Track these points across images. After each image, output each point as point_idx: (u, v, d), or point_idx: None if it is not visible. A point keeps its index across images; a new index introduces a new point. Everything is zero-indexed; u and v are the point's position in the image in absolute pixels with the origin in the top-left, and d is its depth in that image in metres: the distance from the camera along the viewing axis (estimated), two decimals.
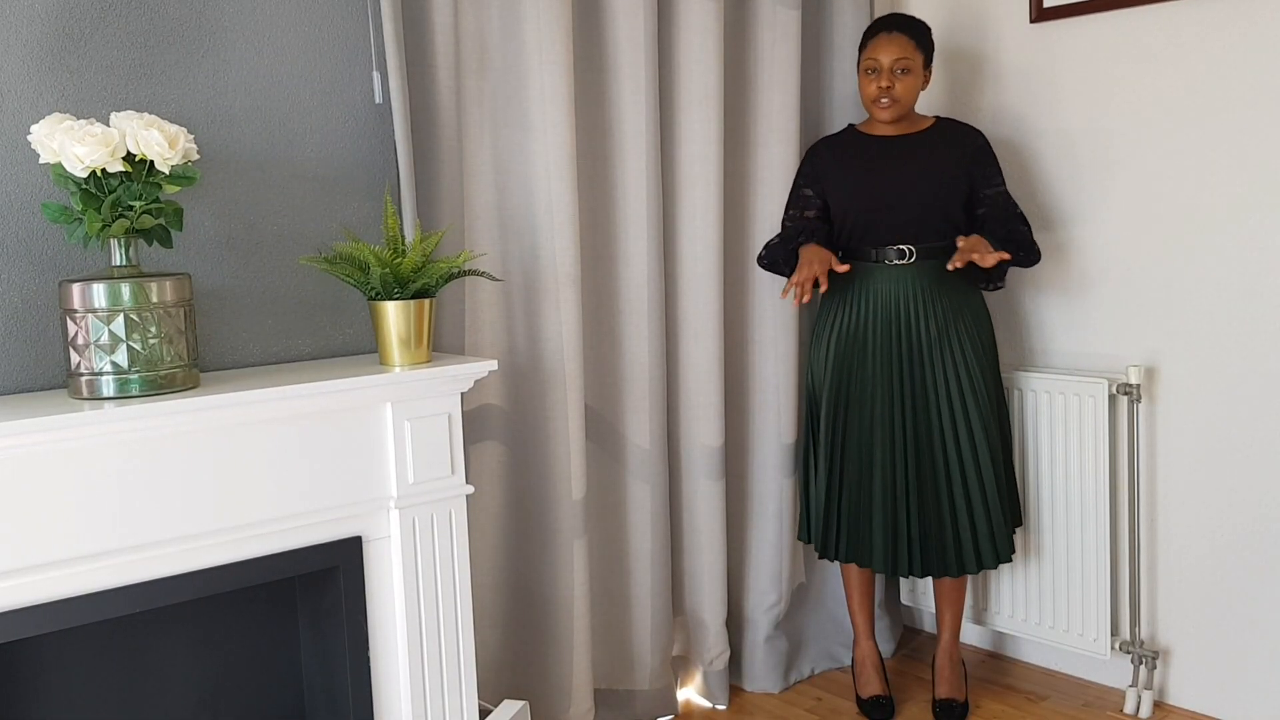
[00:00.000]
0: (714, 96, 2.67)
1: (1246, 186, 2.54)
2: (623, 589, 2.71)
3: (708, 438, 2.77)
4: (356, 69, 2.26)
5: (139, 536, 1.79)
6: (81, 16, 1.93)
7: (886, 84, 2.60)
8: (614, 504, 2.69)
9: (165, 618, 2.03)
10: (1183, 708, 2.75)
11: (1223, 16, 2.54)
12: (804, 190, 2.75)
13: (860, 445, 2.67)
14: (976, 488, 2.62)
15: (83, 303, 1.76)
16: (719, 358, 2.76)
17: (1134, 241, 2.73)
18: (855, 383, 2.67)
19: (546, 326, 2.48)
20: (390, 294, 2.04)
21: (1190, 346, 2.66)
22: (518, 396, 2.52)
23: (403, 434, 2.05)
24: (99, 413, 1.70)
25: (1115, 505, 2.78)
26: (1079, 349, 2.87)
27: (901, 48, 2.60)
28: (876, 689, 2.82)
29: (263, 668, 2.16)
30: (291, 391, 1.89)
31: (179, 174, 1.83)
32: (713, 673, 2.85)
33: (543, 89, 2.41)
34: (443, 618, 2.13)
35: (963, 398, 2.62)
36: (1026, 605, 2.91)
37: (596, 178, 2.61)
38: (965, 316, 2.66)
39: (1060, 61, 2.83)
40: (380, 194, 2.30)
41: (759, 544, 2.93)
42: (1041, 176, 2.89)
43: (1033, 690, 2.91)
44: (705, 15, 2.64)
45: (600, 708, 2.71)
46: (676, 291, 2.75)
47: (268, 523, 1.92)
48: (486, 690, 2.54)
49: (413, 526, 2.08)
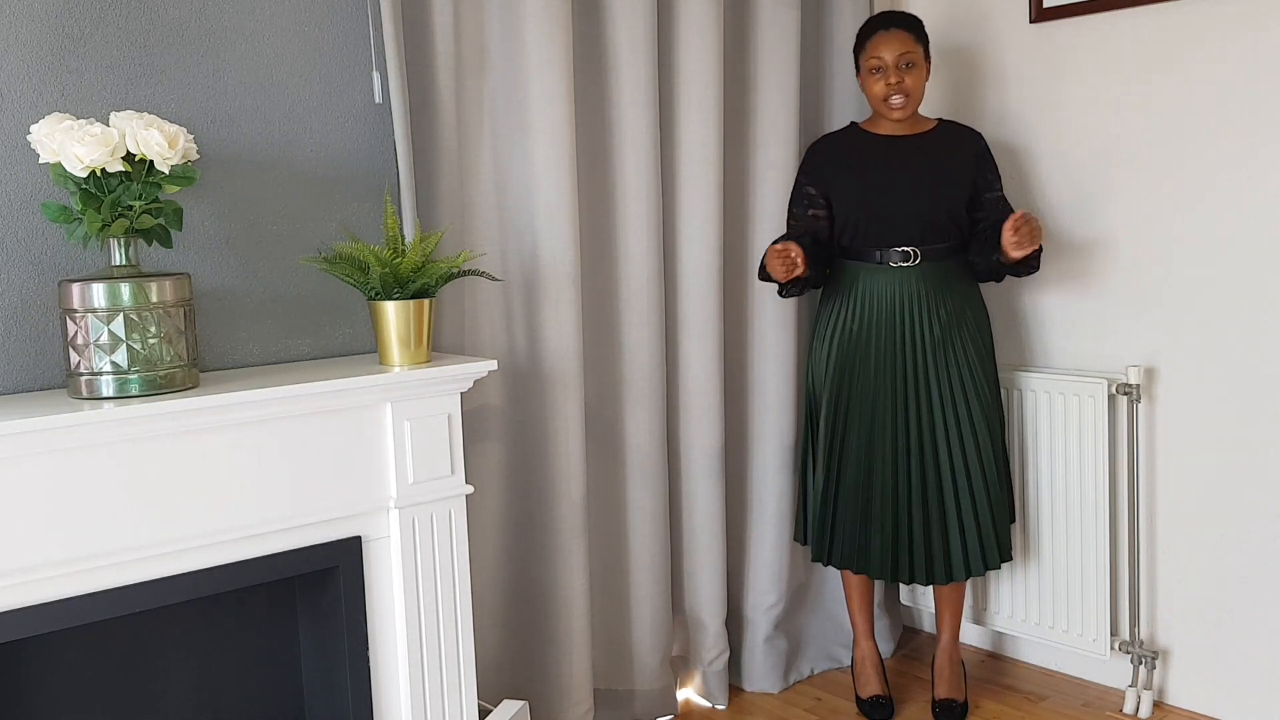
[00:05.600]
0: (714, 96, 2.67)
1: (1247, 186, 2.54)
2: (622, 589, 2.71)
3: (707, 438, 2.76)
4: (356, 69, 2.26)
5: (139, 536, 1.79)
6: (81, 16, 1.93)
7: (895, 79, 2.59)
8: (614, 504, 2.69)
9: (165, 618, 2.03)
10: (1182, 708, 2.75)
11: (1223, 16, 2.54)
12: (807, 188, 2.74)
13: (860, 448, 2.66)
14: (981, 490, 2.62)
15: (82, 302, 1.76)
16: (719, 358, 2.76)
17: (1134, 242, 2.73)
18: (856, 384, 2.67)
19: (546, 326, 2.48)
20: (390, 294, 2.04)
21: (1190, 346, 2.66)
22: (518, 396, 2.52)
23: (402, 434, 2.05)
24: (98, 413, 1.70)
25: (1115, 505, 2.78)
26: (1078, 349, 2.87)
27: (903, 42, 2.59)
28: (876, 689, 2.82)
29: (263, 668, 2.15)
30: (291, 391, 1.89)
31: (179, 174, 1.83)
32: (712, 673, 2.85)
33: (543, 89, 2.41)
34: (443, 618, 2.13)
35: (965, 400, 2.62)
36: (1026, 605, 2.92)
37: (596, 178, 2.61)
38: (968, 319, 2.66)
39: (1060, 62, 2.83)
40: (380, 194, 2.30)
41: (758, 544, 2.93)
42: (1041, 177, 2.90)
43: (1032, 690, 2.91)
44: (705, 15, 2.64)
45: (600, 708, 2.71)
46: (676, 291, 2.75)
47: (267, 522, 1.92)
48: (486, 690, 2.54)
49: (412, 526, 2.08)
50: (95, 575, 1.77)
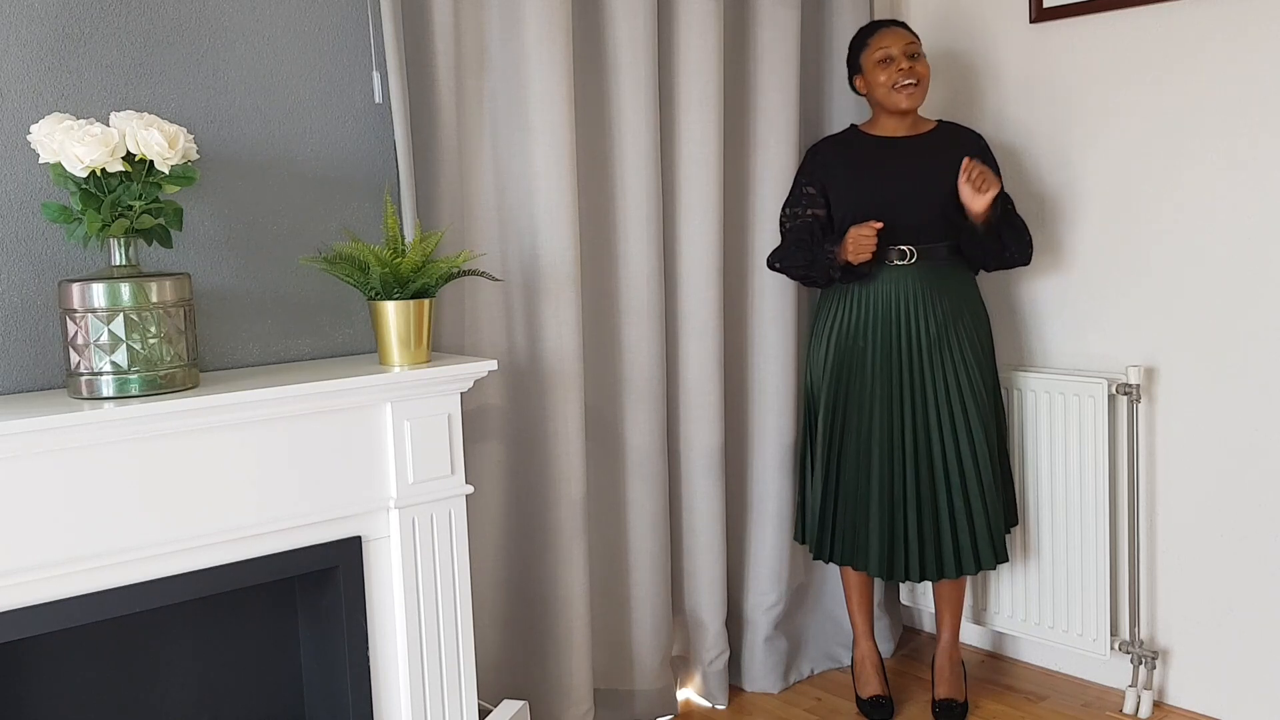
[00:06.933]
0: (714, 96, 2.67)
1: (1247, 187, 2.54)
2: (622, 589, 2.71)
3: (707, 437, 2.77)
4: (356, 69, 2.26)
5: (139, 536, 1.79)
6: (81, 16, 1.93)
7: (907, 66, 2.62)
8: (614, 504, 2.69)
9: (165, 618, 2.03)
10: (1182, 708, 2.75)
11: (1224, 16, 2.54)
12: (806, 188, 2.74)
13: (858, 446, 2.66)
14: (976, 489, 2.62)
15: (82, 302, 1.76)
16: (719, 358, 2.76)
17: (1134, 242, 2.73)
18: (854, 383, 2.67)
19: (546, 326, 2.48)
20: (390, 294, 2.04)
21: (1190, 346, 2.66)
22: (518, 396, 2.52)
23: (402, 434, 2.05)
24: (98, 413, 1.70)
25: (1115, 505, 2.78)
26: (1078, 349, 2.87)
27: (905, 35, 2.65)
28: (876, 689, 2.82)
29: (263, 668, 2.16)
30: (291, 391, 1.89)
31: (179, 174, 1.83)
32: (712, 673, 2.85)
33: (543, 89, 2.41)
34: (443, 618, 2.13)
35: (962, 399, 2.62)
36: (1026, 605, 2.92)
37: (596, 178, 2.61)
38: (965, 317, 2.66)
39: (1060, 62, 2.83)
40: (380, 194, 2.30)
41: (758, 544, 2.93)
42: (1041, 177, 2.90)
43: (1032, 690, 2.91)
44: (705, 15, 2.64)
45: (600, 708, 2.71)
46: (676, 291, 2.75)
47: (267, 522, 1.92)
48: (486, 690, 2.54)
49: (412, 526, 2.08)
50: (94, 575, 1.77)
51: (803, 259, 2.68)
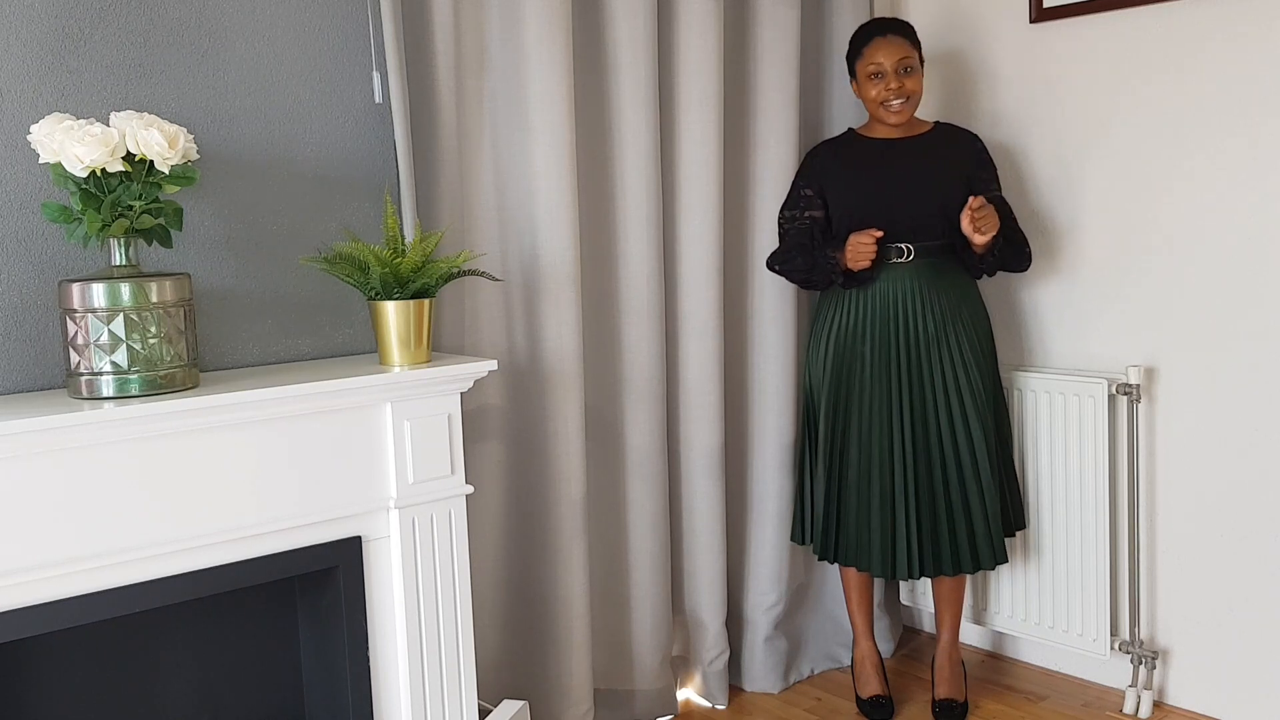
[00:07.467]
0: (714, 96, 2.67)
1: (1247, 187, 2.54)
2: (622, 589, 2.71)
3: (707, 438, 2.77)
4: (356, 69, 2.26)
5: (139, 536, 1.79)
6: (81, 16, 1.93)
7: (896, 85, 2.60)
8: (614, 504, 2.69)
9: (165, 618, 2.03)
10: (1182, 708, 2.75)
11: (1224, 16, 2.54)
12: (804, 190, 2.75)
13: (860, 445, 2.66)
14: (974, 487, 2.62)
15: (82, 302, 1.76)
16: (719, 358, 2.76)
17: (1134, 242, 2.73)
18: (854, 382, 2.67)
19: (546, 326, 2.48)
20: (390, 294, 2.04)
21: (1190, 346, 2.66)
22: (518, 396, 2.52)
23: (402, 434, 2.05)
24: (98, 413, 1.70)
25: (1115, 505, 2.78)
26: (1078, 349, 2.87)
27: (900, 48, 2.61)
28: (876, 689, 2.82)
29: (263, 668, 2.16)
30: (291, 391, 1.89)
31: (179, 174, 1.83)
32: (712, 673, 2.85)
33: (543, 89, 2.41)
34: (442, 618, 2.13)
35: (960, 396, 2.62)
36: (1026, 605, 2.92)
37: (596, 178, 2.61)
38: (963, 315, 2.66)
39: (1060, 62, 2.83)
40: (380, 194, 2.30)
41: (758, 544, 2.93)
42: (1041, 177, 2.89)
43: (1032, 690, 2.91)
44: (705, 15, 2.64)
45: (600, 708, 2.71)
46: (676, 291, 2.75)
47: (267, 522, 1.92)
48: (486, 690, 2.54)
49: (412, 526, 2.08)
50: (94, 575, 1.77)
51: (804, 263, 2.68)
